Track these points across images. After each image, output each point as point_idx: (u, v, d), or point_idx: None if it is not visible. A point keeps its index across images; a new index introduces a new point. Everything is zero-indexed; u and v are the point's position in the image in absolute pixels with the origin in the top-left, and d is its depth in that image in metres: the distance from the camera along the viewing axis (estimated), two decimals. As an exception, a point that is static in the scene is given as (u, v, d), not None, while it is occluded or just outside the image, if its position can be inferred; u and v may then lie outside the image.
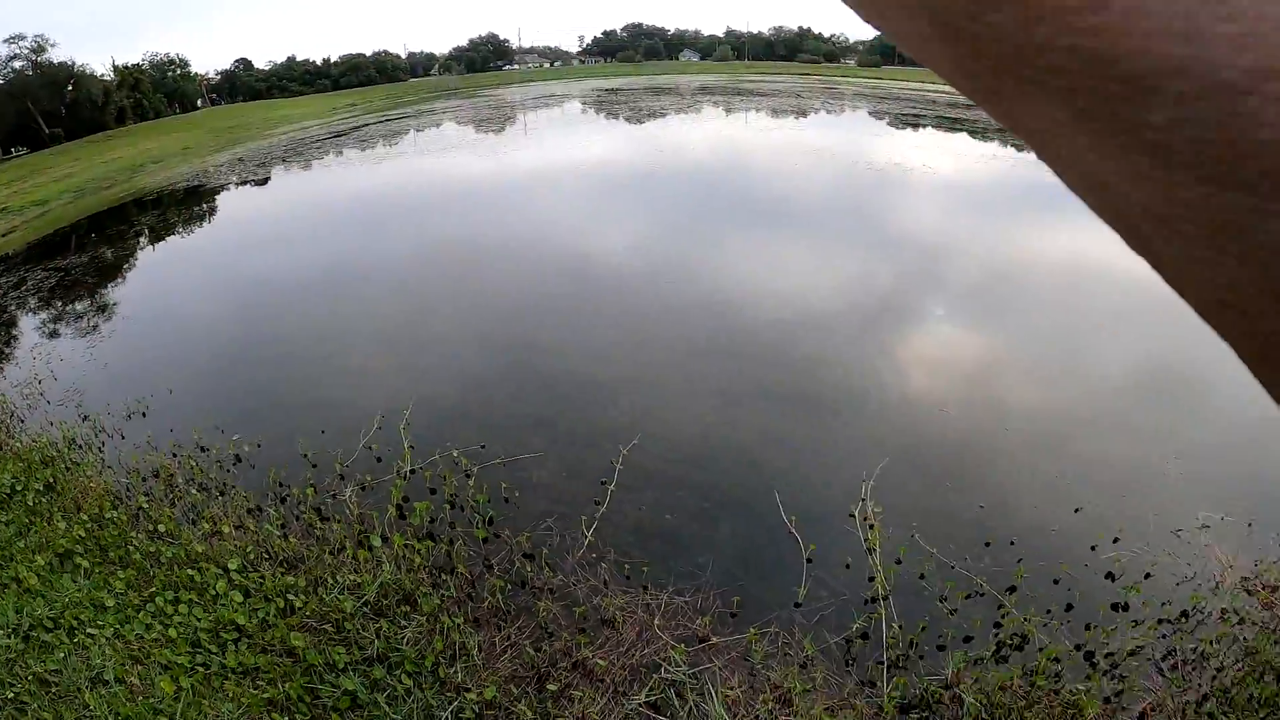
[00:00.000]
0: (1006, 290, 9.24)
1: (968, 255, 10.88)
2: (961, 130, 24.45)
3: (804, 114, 32.24)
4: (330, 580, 4.08)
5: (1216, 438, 5.95)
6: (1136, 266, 0.24)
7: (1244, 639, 3.75)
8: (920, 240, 11.54)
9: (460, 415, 6.12)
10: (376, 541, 4.33)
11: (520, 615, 3.91)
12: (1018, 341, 7.90)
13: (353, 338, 8.16)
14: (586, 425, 5.91)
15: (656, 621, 3.81)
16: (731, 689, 3.39)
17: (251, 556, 4.29)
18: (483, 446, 5.47)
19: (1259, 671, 3.53)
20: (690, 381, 6.67)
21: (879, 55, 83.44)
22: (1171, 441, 5.79)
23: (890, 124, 27.99)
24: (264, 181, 22.00)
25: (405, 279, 10.24)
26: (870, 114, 31.58)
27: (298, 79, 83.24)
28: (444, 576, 4.14)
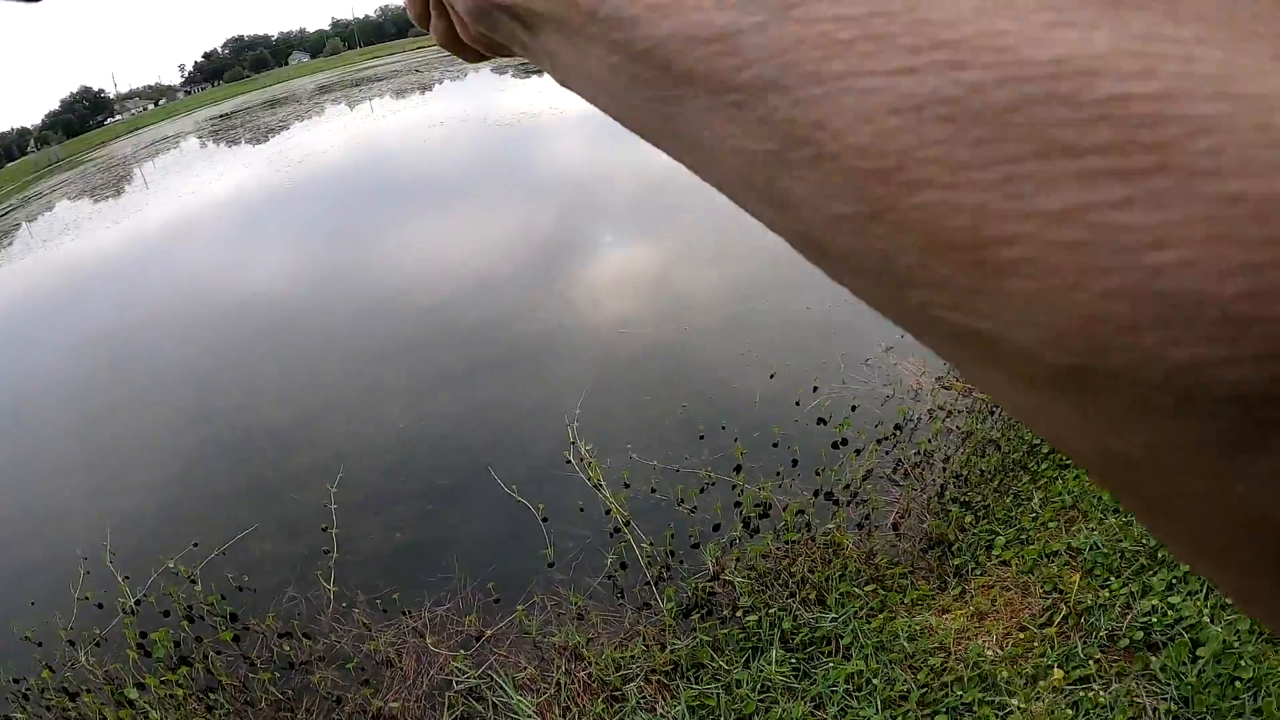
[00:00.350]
0: (659, 202, 9.52)
1: (615, 181, 11.06)
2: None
3: (428, 88, 31.82)
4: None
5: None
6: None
7: (956, 427, 4.05)
8: (567, 177, 11.66)
9: (163, 519, 5.29)
10: (134, 693, 3.72)
11: (302, 696, 3.53)
12: (675, 245, 8.20)
13: (22, 484, 6.63)
14: (289, 476, 5.34)
15: (430, 640, 3.58)
16: (523, 670, 3.26)
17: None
18: (195, 544, 4.75)
19: (980, 449, 3.81)
20: (377, 390, 6.25)
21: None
22: (832, 289, 6.12)
23: (515, 75, 28.19)
24: None
25: (60, 392, 8.51)
26: (492, 71, 31.63)
27: None
28: (213, 695, 3.64)
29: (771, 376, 4.99)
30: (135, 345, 9.01)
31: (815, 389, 4.71)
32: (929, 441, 3.97)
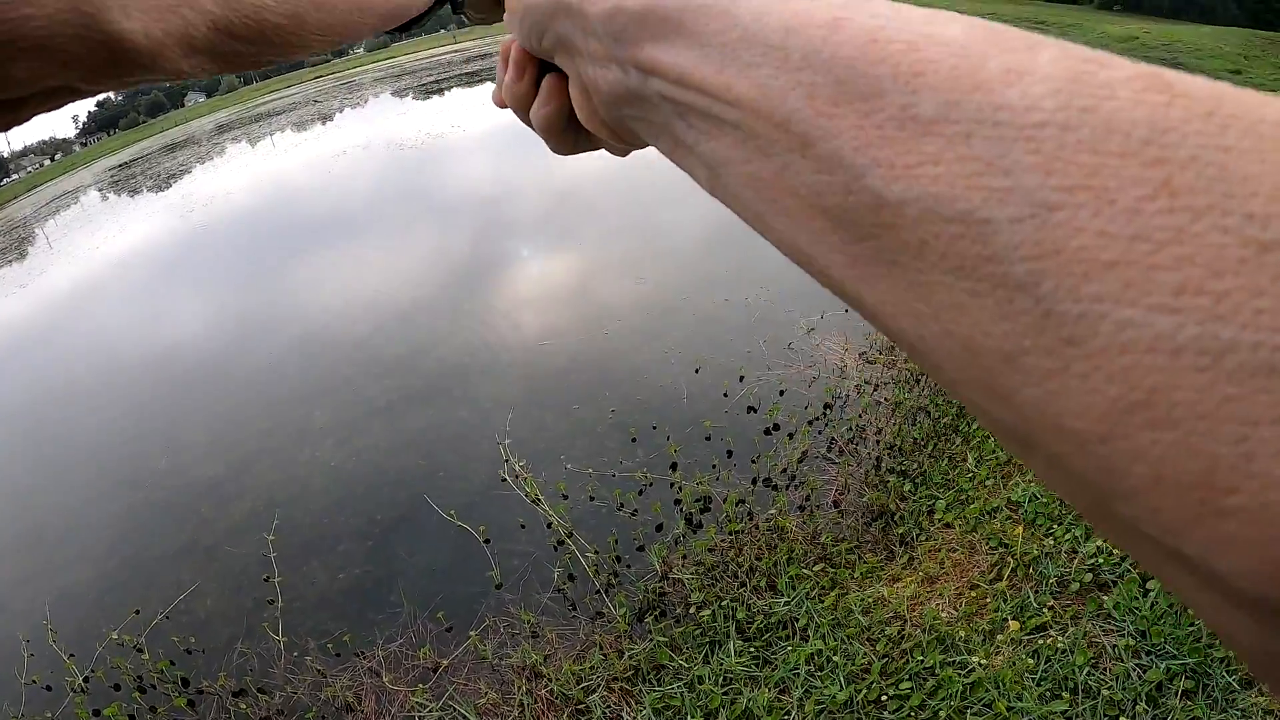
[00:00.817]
0: (567, 212, 9.59)
1: (523, 195, 11.07)
2: (481, 82, 25.00)
3: (329, 118, 31.18)
4: None
5: (776, 259, 6.47)
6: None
7: (885, 399, 4.10)
8: (476, 195, 11.59)
9: (102, 590, 5.06)
10: None
11: None
12: (588, 253, 8.20)
13: None
14: (224, 531, 5.17)
15: (387, 679, 3.48)
16: (484, 696, 3.19)
17: None
18: (137, 612, 4.55)
19: (910, 417, 3.86)
20: (306, 431, 6.09)
21: (385, 35, 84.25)
22: (747, 279, 6.25)
23: (415, 97, 27.93)
24: None
25: None
26: (393, 94, 31.37)
27: None
28: None
29: (697, 371, 5.00)
30: (54, 416, 8.59)
31: (741, 379, 4.73)
32: (859, 416, 4.01)
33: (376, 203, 13.60)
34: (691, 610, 3.17)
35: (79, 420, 8.06)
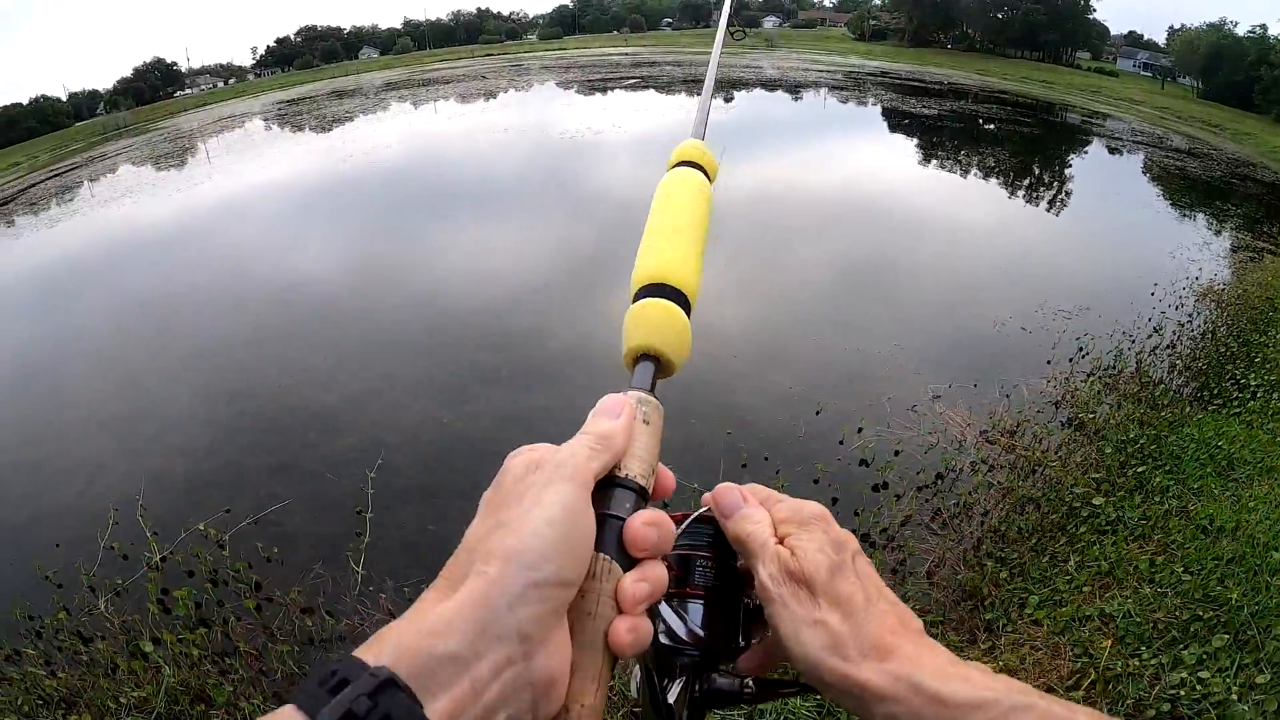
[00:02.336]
0: (715, 231, 9.54)
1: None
2: (647, 88, 25.29)
3: (493, 95, 32.03)
4: (114, 705, 3.45)
5: (922, 321, 6.48)
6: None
7: (998, 482, 4.05)
8: (622, 194, 11.73)
9: (196, 483, 5.36)
10: (149, 647, 3.74)
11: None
12: (728, 276, 8.19)
13: (59, 432, 6.71)
14: (328, 458, 5.40)
15: None
16: None
17: (26, 708, 3.55)
18: (228, 511, 4.82)
19: (1019, 506, 3.81)
20: (419, 385, 6.32)
21: (559, 27, 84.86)
22: (883, 332, 6.23)
23: (579, 91, 28.43)
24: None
25: (104, 350, 8.65)
26: (557, 85, 31.96)
27: (-52, 148, 68.57)
28: (229, 660, 3.66)
29: (817, 413, 5.04)
30: (183, 314, 9.15)
31: (860, 430, 4.75)
32: (969, 494, 4.00)
33: (524, 182, 13.94)
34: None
35: (204, 325, 8.60)
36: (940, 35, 63.53)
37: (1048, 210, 12.90)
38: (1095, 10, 58.13)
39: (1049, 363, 5.80)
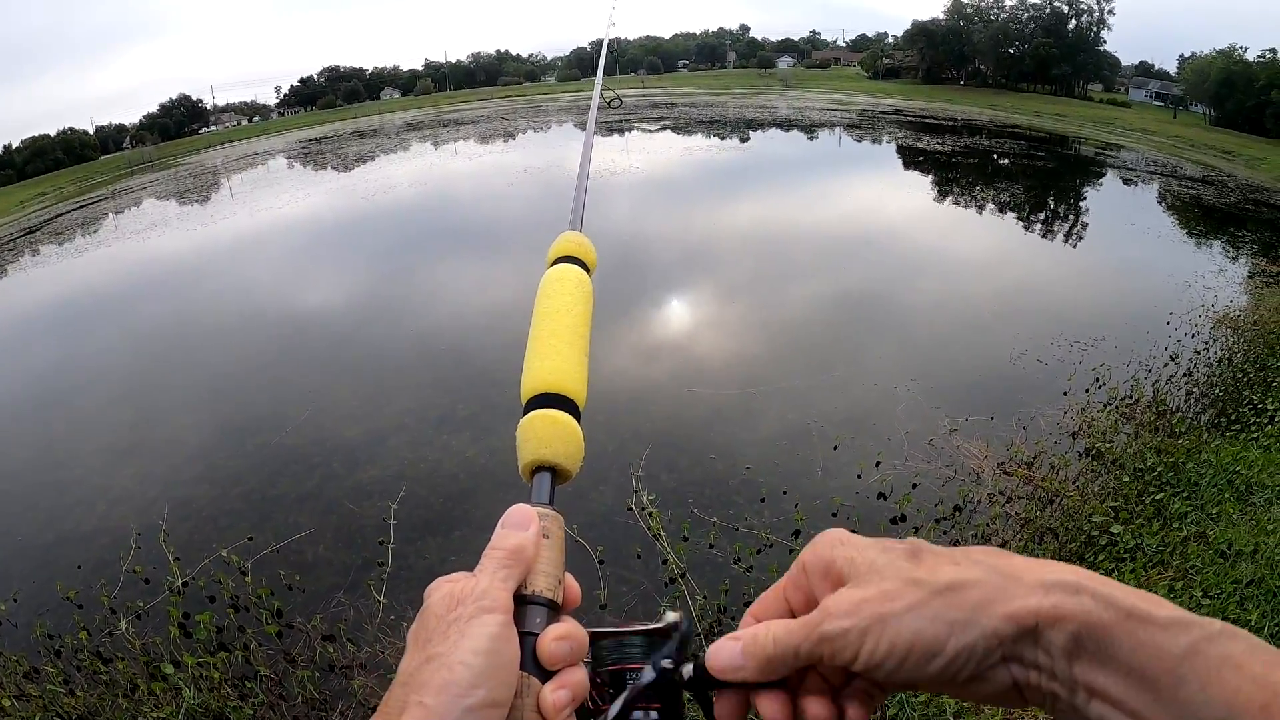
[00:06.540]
0: (708, 263, 9.81)
1: (677, 243, 11.33)
2: (664, 130, 25.59)
3: (511, 136, 32.45)
4: (135, 725, 3.48)
5: (935, 355, 6.54)
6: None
7: (1015, 513, 4.09)
8: (644, 232, 11.90)
9: (219, 511, 5.46)
10: (169, 669, 3.79)
11: (338, 700, 3.60)
12: (743, 311, 8.35)
13: (81, 456, 6.88)
14: (351, 489, 5.49)
15: None
16: None
17: (46, 726, 3.58)
18: (250, 538, 4.92)
19: (1037, 536, 3.85)
20: (443, 420, 6.41)
21: (577, 69, 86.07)
22: (900, 367, 6.29)
23: (598, 132, 28.64)
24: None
25: (127, 378, 8.80)
26: (575, 125, 32.35)
27: (-24, 176, 69.92)
28: (249, 684, 3.70)
29: (835, 448, 5.11)
30: (207, 345, 9.35)
31: (878, 464, 4.82)
32: (987, 525, 4.04)
33: (537, 223, 14.12)
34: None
35: (228, 356, 8.75)
36: (953, 72, 64.02)
37: (1064, 242, 12.94)
38: (1105, 42, 58.43)
39: (1065, 394, 5.85)
